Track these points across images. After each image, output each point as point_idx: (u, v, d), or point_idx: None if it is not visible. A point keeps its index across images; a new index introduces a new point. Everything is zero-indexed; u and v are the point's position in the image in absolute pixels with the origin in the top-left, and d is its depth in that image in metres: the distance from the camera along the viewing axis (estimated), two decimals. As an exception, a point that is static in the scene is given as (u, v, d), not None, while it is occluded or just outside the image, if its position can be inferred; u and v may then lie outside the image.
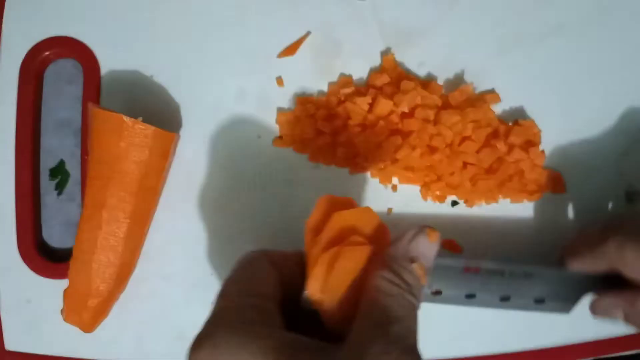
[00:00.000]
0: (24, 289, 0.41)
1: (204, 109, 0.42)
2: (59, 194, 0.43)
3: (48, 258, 0.42)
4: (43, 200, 0.43)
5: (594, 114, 0.43)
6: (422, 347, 0.25)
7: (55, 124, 0.43)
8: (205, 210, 0.42)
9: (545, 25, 0.43)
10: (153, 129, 0.37)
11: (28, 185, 0.42)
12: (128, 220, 0.38)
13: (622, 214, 0.42)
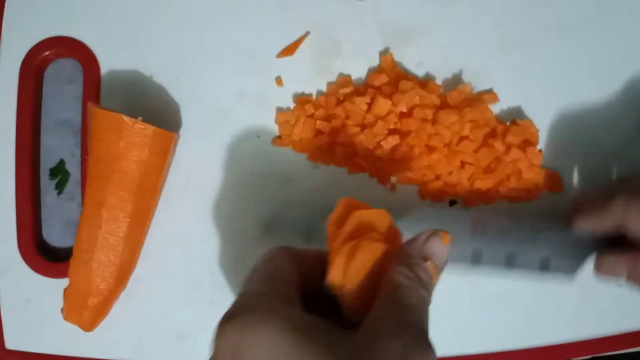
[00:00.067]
0: (24, 288, 0.42)
1: (204, 109, 0.43)
2: (59, 194, 0.43)
3: (48, 257, 0.42)
4: (43, 200, 0.43)
5: (592, 114, 0.43)
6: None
7: (55, 124, 0.43)
8: (205, 210, 0.42)
9: (544, 25, 0.43)
10: (153, 129, 0.38)
11: (28, 185, 0.42)
12: (128, 220, 0.38)
13: (629, 174, 0.42)
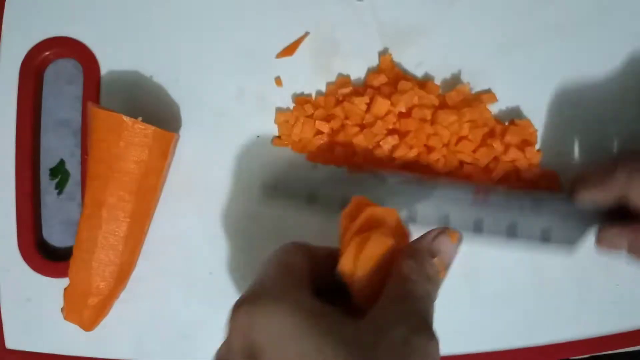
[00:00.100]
0: (25, 288, 0.42)
1: (203, 109, 0.43)
2: (59, 194, 0.43)
3: (48, 257, 0.42)
4: (43, 200, 0.43)
5: (591, 114, 0.43)
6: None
7: (55, 124, 0.43)
8: (205, 210, 0.42)
9: (543, 25, 0.43)
10: (153, 129, 0.38)
11: (28, 185, 0.42)
12: (128, 220, 0.38)
13: (632, 147, 0.42)
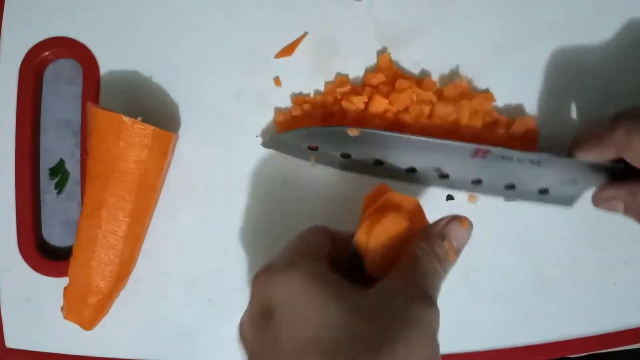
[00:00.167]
0: (24, 287, 0.42)
1: (203, 109, 0.43)
2: (59, 193, 0.43)
3: (48, 256, 0.42)
4: (43, 199, 0.43)
5: (590, 114, 0.43)
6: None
7: (55, 124, 0.43)
8: (204, 209, 0.42)
9: (543, 25, 0.43)
10: (152, 129, 0.38)
11: (28, 185, 0.42)
12: (127, 219, 0.38)
13: (632, 105, 0.42)
